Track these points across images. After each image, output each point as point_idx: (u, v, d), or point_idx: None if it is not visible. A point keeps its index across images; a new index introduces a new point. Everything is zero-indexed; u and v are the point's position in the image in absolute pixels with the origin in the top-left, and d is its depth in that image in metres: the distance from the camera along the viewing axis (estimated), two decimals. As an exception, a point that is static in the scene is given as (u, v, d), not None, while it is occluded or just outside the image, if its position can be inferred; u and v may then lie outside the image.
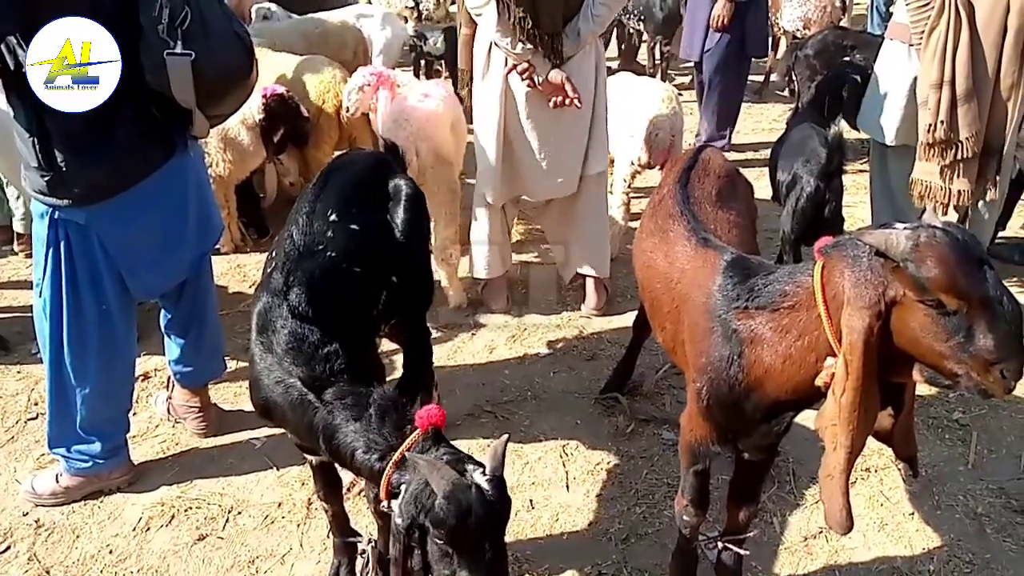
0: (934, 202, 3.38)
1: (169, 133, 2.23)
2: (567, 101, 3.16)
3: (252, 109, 3.81)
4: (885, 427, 1.73)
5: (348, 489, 2.43)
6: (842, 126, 3.47)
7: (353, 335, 1.89)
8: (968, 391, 1.42)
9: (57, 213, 2.16)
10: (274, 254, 2.05)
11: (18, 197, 3.91)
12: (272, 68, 4.30)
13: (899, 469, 2.68)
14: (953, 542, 2.41)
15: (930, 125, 3.30)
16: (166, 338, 2.75)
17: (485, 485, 1.50)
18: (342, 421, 1.71)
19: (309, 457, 2.02)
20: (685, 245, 1.91)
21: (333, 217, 2.08)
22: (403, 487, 1.58)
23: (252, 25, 4.99)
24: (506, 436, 1.66)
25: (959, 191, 3.39)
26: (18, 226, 4.04)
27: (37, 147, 2.01)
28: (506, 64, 3.18)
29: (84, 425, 2.45)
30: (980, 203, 3.51)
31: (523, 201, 3.79)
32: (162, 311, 2.70)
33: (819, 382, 1.55)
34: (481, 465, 1.56)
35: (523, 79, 3.15)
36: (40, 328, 2.37)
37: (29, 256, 4.01)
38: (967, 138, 3.27)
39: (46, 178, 2.05)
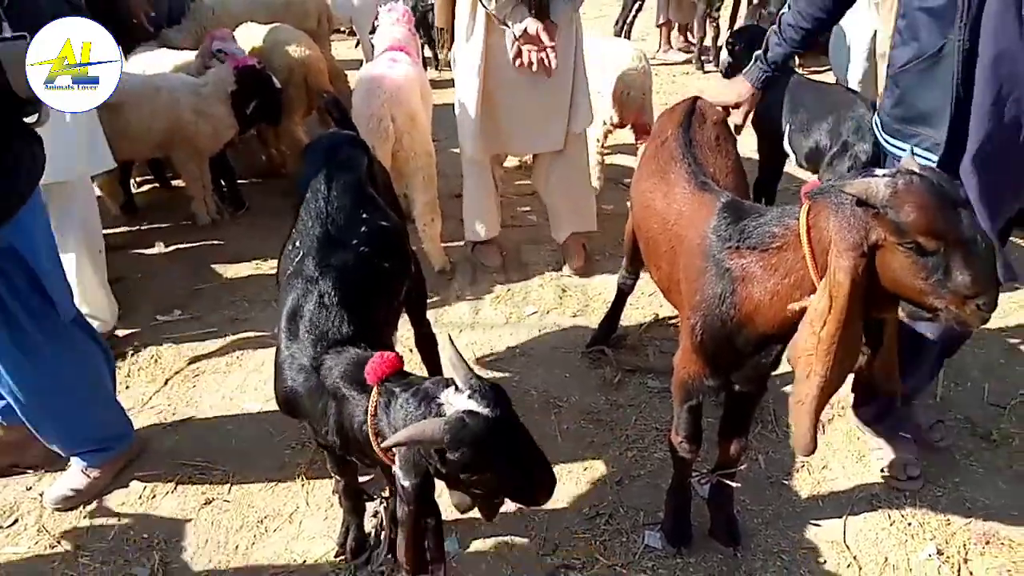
0: None
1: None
2: (538, 58, 3.17)
3: (224, 81, 3.79)
4: (860, 364, 1.82)
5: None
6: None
7: (378, 329, 1.90)
8: (948, 323, 1.52)
9: None
10: (297, 243, 2.00)
11: None
12: (241, 39, 4.27)
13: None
14: (926, 469, 2.55)
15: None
16: None
17: (473, 405, 1.49)
18: (346, 400, 1.70)
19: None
20: (684, 187, 2.00)
21: (359, 211, 2.05)
22: (396, 453, 1.60)
23: (215, -4, 4.91)
24: (448, 340, 1.67)
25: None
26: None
27: None
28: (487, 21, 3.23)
29: (89, 433, 2.45)
30: None
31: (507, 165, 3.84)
32: None
33: (792, 309, 1.64)
34: (449, 382, 1.56)
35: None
36: None
37: None
38: None
39: None
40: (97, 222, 3.16)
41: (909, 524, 2.36)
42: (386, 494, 2.22)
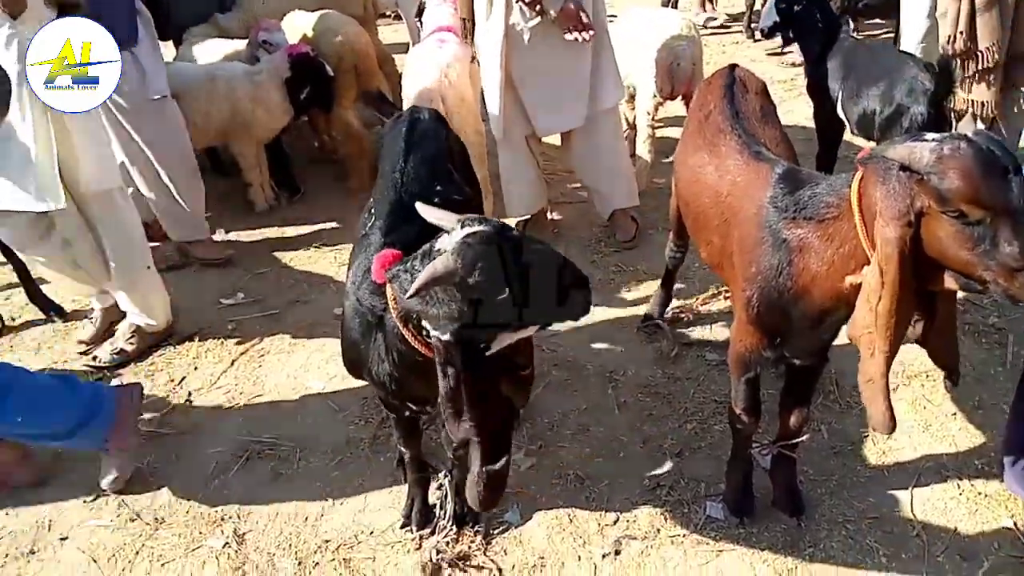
0: (961, 112, 3.38)
1: None
2: (582, 32, 3.21)
3: (279, 69, 3.87)
4: (917, 333, 1.77)
5: (424, 427, 2.53)
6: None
7: None
8: (997, 296, 1.46)
9: None
10: (372, 210, 2.06)
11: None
12: (291, 26, 4.35)
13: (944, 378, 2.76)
14: (996, 438, 2.49)
15: (950, 36, 3.27)
16: None
17: (469, 230, 1.49)
18: (381, 317, 1.73)
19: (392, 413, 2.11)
20: (737, 159, 1.97)
21: (434, 184, 2.08)
22: (421, 320, 1.58)
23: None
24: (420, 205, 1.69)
25: (982, 102, 3.38)
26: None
27: None
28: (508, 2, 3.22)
29: (39, 415, 2.39)
30: (1012, 112, 3.48)
31: (547, 143, 3.84)
32: None
33: (847, 283, 1.62)
34: (440, 233, 1.56)
35: (533, 10, 3.19)
36: None
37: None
38: (987, 47, 3.23)
39: None
40: (131, 243, 2.98)
41: (980, 494, 2.31)
42: (450, 466, 2.26)
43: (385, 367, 1.83)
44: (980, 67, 3.29)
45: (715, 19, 7.36)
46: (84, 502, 2.48)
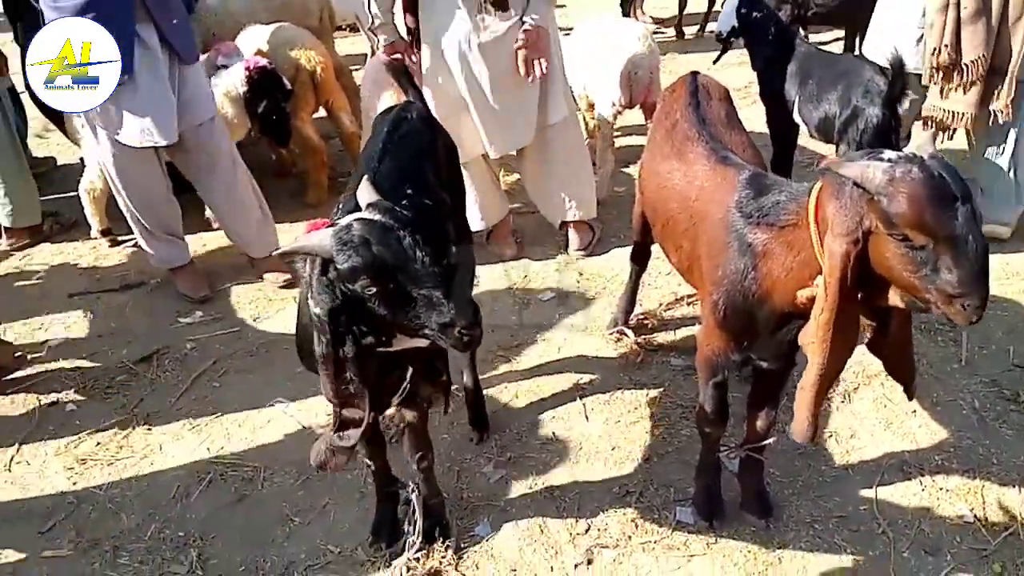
0: (939, 126, 3.38)
1: None
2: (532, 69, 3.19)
3: (236, 82, 3.80)
4: (865, 338, 1.78)
5: (391, 441, 2.50)
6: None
7: None
8: (938, 317, 1.49)
9: None
10: (340, 207, 1.97)
11: (4, 194, 3.95)
12: (247, 39, 4.29)
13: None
14: (954, 433, 2.55)
15: (935, 48, 3.26)
16: None
17: (365, 215, 1.51)
18: None
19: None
20: (704, 164, 1.99)
21: (404, 186, 2.00)
22: (304, 285, 1.59)
23: (215, -1, 4.90)
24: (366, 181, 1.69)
25: (962, 113, 3.34)
26: (5, 220, 4.05)
27: None
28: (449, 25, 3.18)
29: None
30: (989, 126, 3.40)
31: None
32: None
33: (801, 296, 1.64)
34: (359, 216, 1.56)
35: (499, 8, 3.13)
36: None
37: (19, 249, 4.06)
38: (972, 61, 3.20)
39: None
40: None
41: (941, 489, 2.35)
42: (418, 480, 2.23)
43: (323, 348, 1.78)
44: (964, 80, 3.28)
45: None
46: (40, 533, 2.40)
